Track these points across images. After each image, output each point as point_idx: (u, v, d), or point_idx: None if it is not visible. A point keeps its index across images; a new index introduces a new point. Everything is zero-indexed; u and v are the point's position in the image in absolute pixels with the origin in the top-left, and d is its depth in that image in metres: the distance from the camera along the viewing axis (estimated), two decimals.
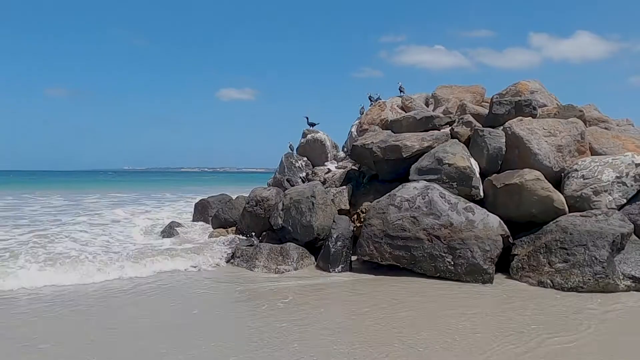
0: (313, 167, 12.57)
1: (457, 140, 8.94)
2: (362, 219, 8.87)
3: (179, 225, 10.88)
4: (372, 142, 9.25)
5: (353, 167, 10.63)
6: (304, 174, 12.31)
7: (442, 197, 7.65)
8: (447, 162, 8.32)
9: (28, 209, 17.06)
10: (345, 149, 13.39)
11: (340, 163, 12.05)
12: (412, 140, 9.04)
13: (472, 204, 7.60)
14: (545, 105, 9.95)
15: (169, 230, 10.38)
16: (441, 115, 10.00)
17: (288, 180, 11.96)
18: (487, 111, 9.97)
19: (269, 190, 9.63)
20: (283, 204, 8.89)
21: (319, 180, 11.23)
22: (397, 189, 8.11)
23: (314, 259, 8.34)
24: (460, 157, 8.34)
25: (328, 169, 11.78)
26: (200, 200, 11.79)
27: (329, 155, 12.82)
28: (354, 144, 9.70)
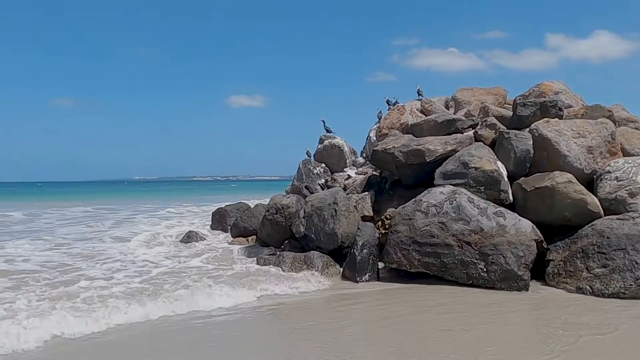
0: (332, 173, 12.38)
1: (481, 143, 8.72)
2: (386, 226, 8.67)
3: (196, 234, 10.74)
4: (394, 147, 9.06)
5: (374, 173, 10.43)
6: (323, 181, 12.12)
7: (470, 201, 7.43)
8: (473, 165, 8.10)
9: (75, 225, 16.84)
10: (364, 155, 13.20)
11: (360, 169, 11.85)
12: (435, 144, 8.83)
13: (502, 209, 7.37)
14: (570, 106, 9.69)
15: (187, 240, 10.25)
16: (463, 118, 9.78)
17: (307, 187, 11.79)
18: (510, 113, 9.75)
19: (289, 197, 9.46)
20: (305, 212, 8.71)
21: (339, 187, 11.07)
22: (422, 194, 7.90)
23: (339, 267, 8.13)
24: (487, 161, 8.12)
25: (348, 175, 11.59)
26: (217, 209, 11.65)
27: (347, 161, 12.61)
28: (375, 149, 9.51)
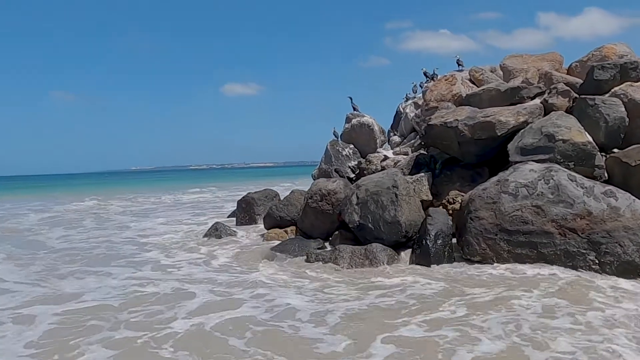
0: (361, 155, 11.06)
1: (562, 112, 7.51)
2: (449, 211, 7.43)
3: (223, 226, 9.34)
4: (457, 120, 7.77)
5: (422, 152, 9.15)
6: (354, 163, 10.79)
7: (571, 179, 6.21)
8: (560, 137, 6.89)
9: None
10: (391, 134, 11.91)
11: (397, 148, 10.55)
12: (506, 115, 7.58)
13: (612, 187, 6.17)
14: None
15: (215, 233, 8.85)
16: (528, 85, 8.54)
17: (336, 171, 10.47)
18: (577, 80, 8.58)
19: (335, 181, 8.14)
20: (358, 197, 7.40)
21: (375, 169, 9.79)
22: (507, 172, 6.66)
23: (402, 261, 6.88)
24: (577, 132, 6.92)
25: (384, 155, 10.27)
26: (244, 197, 10.24)
27: (377, 141, 11.28)
28: (430, 123, 8.20)
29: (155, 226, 12.05)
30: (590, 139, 6.88)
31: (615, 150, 7.02)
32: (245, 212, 10.00)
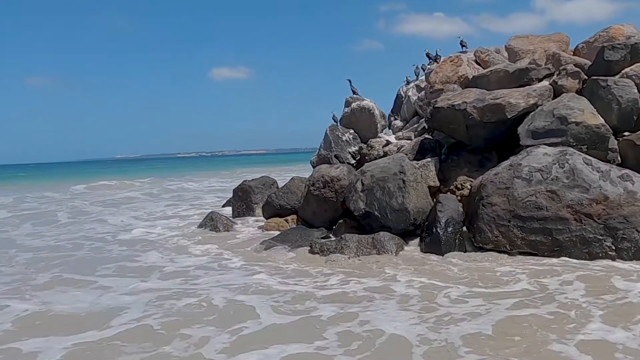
0: (361, 140, 10.78)
1: (574, 94, 7.28)
2: (458, 197, 7.21)
3: (219, 215, 9.04)
4: (465, 102, 7.50)
5: (427, 136, 8.89)
6: (354, 149, 10.52)
7: (587, 163, 5.99)
8: (573, 120, 6.66)
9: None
10: (392, 118, 11.65)
11: (399, 133, 10.30)
12: (516, 97, 7.33)
13: (628, 171, 5.98)
14: None
15: (211, 223, 8.56)
16: (537, 67, 8.28)
17: (336, 157, 10.20)
18: (585, 61, 8.34)
19: (338, 167, 7.87)
20: (363, 184, 7.15)
21: (377, 155, 9.53)
22: (519, 156, 6.43)
23: (409, 249, 6.66)
24: (590, 114, 6.69)
25: (386, 140, 10.00)
26: (240, 185, 9.91)
27: (378, 125, 11.00)
28: (436, 106, 7.93)
29: (141, 219, 11.28)
30: (603, 121, 6.66)
31: (627, 133, 6.81)
32: (242, 200, 9.70)
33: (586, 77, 7.75)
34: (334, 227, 7.58)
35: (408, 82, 11.55)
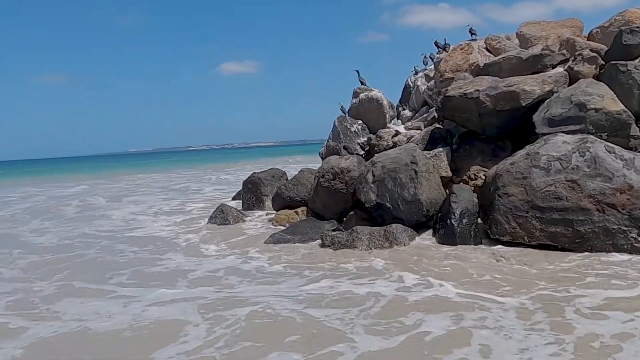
0: (370, 131, 10.55)
1: (592, 79, 7.02)
2: (472, 187, 7.00)
3: (230, 208, 8.87)
4: (478, 90, 7.27)
5: (438, 126, 8.66)
6: (363, 140, 10.29)
7: (609, 151, 5.74)
8: (593, 106, 6.41)
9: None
10: (399, 108, 11.40)
11: (409, 123, 10.06)
12: (530, 84, 7.08)
13: None
14: None
15: (221, 216, 8.37)
16: (551, 52, 8.02)
17: (345, 148, 9.98)
18: (601, 46, 8.07)
19: (348, 158, 7.65)
20: (374, 175, 6.93)
21: (386, 146, 9.31)
22: (537, 145, 6.18)
23: (421, 241, 6.45)
24: (611, 100, 6.44)
25: (395, 131, 9.77)
26: (249, 177, 9.73)
27: (386, 116, 10.77)
28: (448, 94, 7.69)
29: (147, 214, 10.98)
30: (624, 107, 6.40)
31: None
32: (251, 192, 9.52)
33: (603, 63, 7.49)
34: (344, 218, 7.37)
35: (416, 72, 11.29)
